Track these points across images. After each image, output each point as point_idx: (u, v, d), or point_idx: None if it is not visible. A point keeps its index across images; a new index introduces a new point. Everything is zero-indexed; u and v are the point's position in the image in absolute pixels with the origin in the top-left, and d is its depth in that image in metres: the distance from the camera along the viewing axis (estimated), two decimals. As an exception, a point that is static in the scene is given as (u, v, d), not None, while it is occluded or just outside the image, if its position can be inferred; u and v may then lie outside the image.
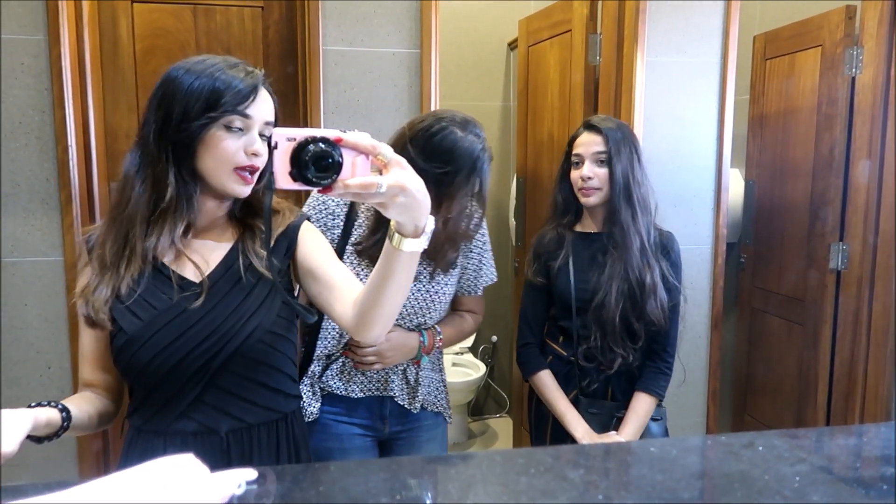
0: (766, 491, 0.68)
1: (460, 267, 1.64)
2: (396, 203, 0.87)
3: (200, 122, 1.05)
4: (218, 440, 1.14)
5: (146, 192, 1.09)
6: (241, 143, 1.07)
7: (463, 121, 1.46)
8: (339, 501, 0.69)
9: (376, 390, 1.59)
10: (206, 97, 1.04)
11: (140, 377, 1.12)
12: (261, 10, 2.26)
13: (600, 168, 1.70)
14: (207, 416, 1.13)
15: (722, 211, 2.40)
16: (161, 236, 1.10)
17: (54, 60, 1.94)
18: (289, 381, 1.22)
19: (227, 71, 1.07)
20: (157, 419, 1.13)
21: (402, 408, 1.60)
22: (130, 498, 0.67)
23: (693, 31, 2.33)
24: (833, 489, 0.68)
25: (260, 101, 1.09)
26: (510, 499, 0.69)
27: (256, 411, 1.16)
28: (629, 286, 1.68)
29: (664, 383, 1.77)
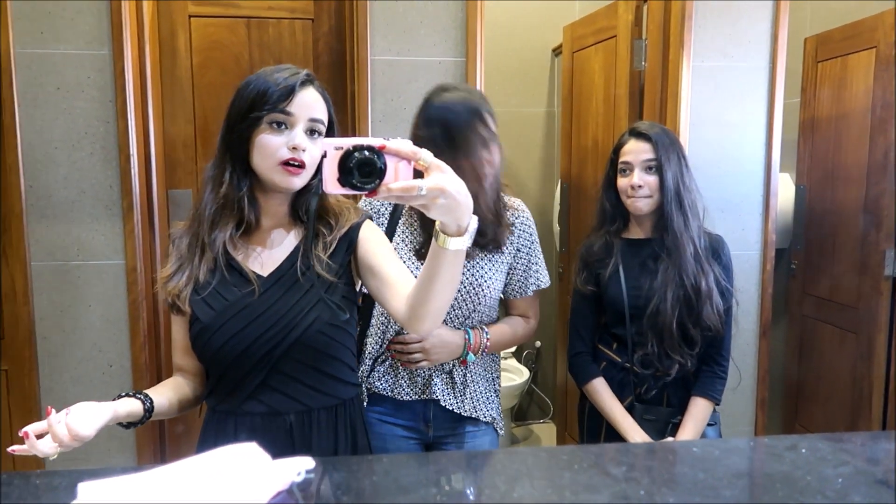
0: (807, 491, 0.69)
1: (507, 266, 1.64)
2: (437, 204, 0.91)
3: (248, 122, 1.16)
4: (282, 422, 1.22)
5: (213, 192, 1.22)
6: (284, 139, 1.16)
7: (446, 86, 1.55)
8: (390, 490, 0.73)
9: (422, 393, 1.60)
10: (251, 99, 1.16)
11: (213, 362, 1.23)
12: (311, 23, 2.33)
13: (650, 175, 1.70)
14: (272, 399, 1.22)
15: (771, 216, 2.37)
16: (222, 231, 1.21)
17: (118, 74, 2.04)
18: (347, 370, 1.29)
19: (272, 75, 1.17)
20: (229, 401, 1.23)
21: (447, 412, 1.61)
22: (199, 482, 0.72)
23: (740, 35, 2.31)
24: (874, 491, 0.69)
25: (302, 99, 1.17)
26: (555, 493, 0.71)
27: (317, 396, 1.24)
28: (685, 292, 1.67)
29: (721, 387, 1.76)
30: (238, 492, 0.73)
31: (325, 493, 0.77)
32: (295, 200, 1.27)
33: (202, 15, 2.28)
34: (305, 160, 1.17)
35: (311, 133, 1.19)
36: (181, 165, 2.32)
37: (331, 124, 1.24)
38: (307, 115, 1.17)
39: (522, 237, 1.65)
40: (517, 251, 1.65)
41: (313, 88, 1.20)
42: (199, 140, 2.32)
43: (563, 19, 3.23)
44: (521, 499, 0.71)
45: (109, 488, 0.68)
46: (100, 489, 0.68)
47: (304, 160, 1.16)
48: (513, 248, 1.64)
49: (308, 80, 1.20)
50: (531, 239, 1.66)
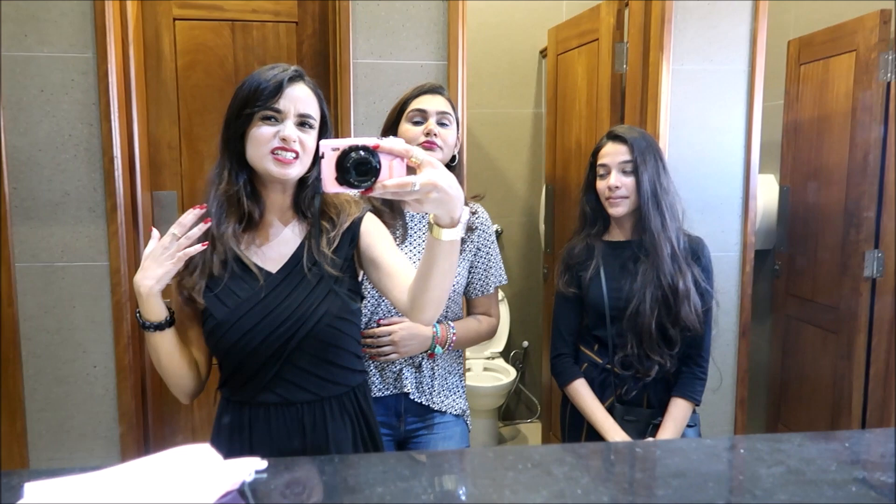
0: (737, 490, 0.71)
1: (469, 264, 1.71)
2: (430, 198, 0.96)
3: (242, 119, 1.22)
4: (295, 411, 1.27)
5: (217, 189, 1.27)
6: (274, 131, 1.21)
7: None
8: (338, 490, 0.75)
9: (393, 387, 1.65)
10: (244, 97, 1.22)
11: (228, 356, 1.27)
12: (295, 26, 2.35)
13: (627, 177, 1.72)
14: (286, 390, 1.27)
15: (750, 218, 2.39)
16: (228, 226, 1.27)
17: (102, 76, 2.06)
18: (354, 358, 1.35)
19: (263, 73, 1.22)
20: (243, 392, 1.28)
21: (418, 405, 1.66)
22: (148, 482, 0.74)
23: (720, 38, 2.33)
24: (801, 490, 0.71)
25: (291, 95, 1.22)
26: (495, 492, 0.73)
27: (328, 386, 1.29)
28: (663, 293, 1.69)
29: (700, 388, 1.78)
30: (187, 491, 0.75)
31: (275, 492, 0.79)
32: (297, 195, 1.32)
33: (187, 18, 2.30)
34: (298, 150, 1.21)
35: (302, 126, 1.23)
36: (166, 167, 2.34)
37: (324, 119, 1.28)
38: (297, 109, 1.22)
39: (482, 237, 1.72)
40: (477, 250, 1.72)
41: (303, 84, 1.24)
42: (183, 142, 2.34)
43: (550, 21, 3.26)
44: (461, 497, 0.73)
45: (56, 488, 0.70)
46: (46, 489, 0.70)
47: (297, 150, 1.21)
48: (473, 248, 1.71)
49: (297, 77, 1.24)
50: (490, 239, 1.74)
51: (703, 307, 1.73)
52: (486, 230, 1.74)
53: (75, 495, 0.70)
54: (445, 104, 1.65)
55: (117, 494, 0.71)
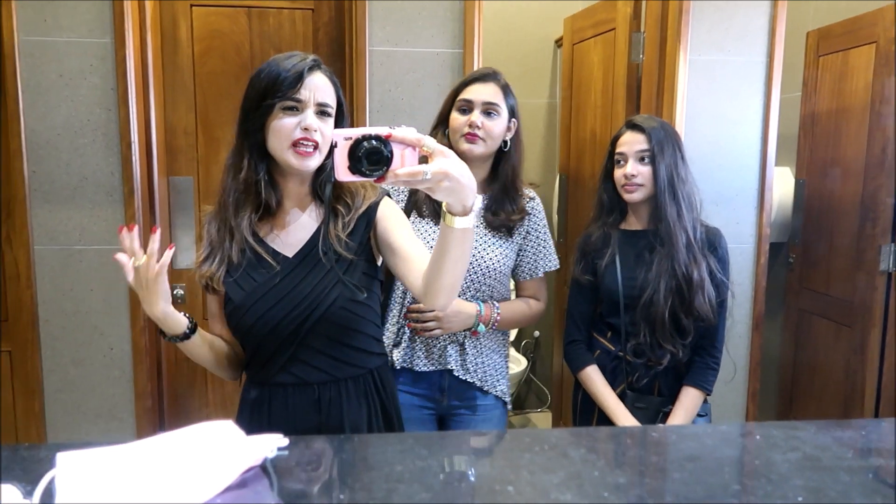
0: (752, 475, 0.72)
1: (518, 247, 1.75)
2: (442, 187, 0.97)
3: (262, 109, 1.22)
4: (311, 391, 1.31)
5: (234, 179, 1.28)
6: (296, 121, 1.21)
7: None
8: (357, 467, 0.76)
9: (437, 363, 1.70)
10: (264, 87, 1.22)
11: (246, 337, 1.31)
12: (311, 13, 2.35)
13: (644, 166, 1.72)
14: (302, 371, 1.30)
15: (765, 210, 2.38)
16: (246, 214, 1.28)
17: (119, 62, 2.08)
18: (372, 341, 1.37)
19: (282, 62, 1.22)
20: (263, 372, 1.32)
21: (461, 382, 1.71)
22: (173, 456, 0.76)
23: (737, 30, 2.31)
24: (817, 475, 0.71)
25: (310, 84, 1.22)
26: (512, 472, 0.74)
27: (343, 367, 1.32)
28: (677, 282, 1.69)
29: (712, 378, 1.78)
30: (212, 466, 0.77)
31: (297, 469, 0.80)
32: (314, 181, 1.33)
33: (203, 4, 2.31)
34: (318, 140, 1.22)
35: (321, 115, 1.24)
36: (182, 153, 2.36)
37: (339, 106, 1.29)
38: (316, 98, 1.22)
39: (533, 221, 1.76)
40: (527, 234, 1.76)
41: (321, 73, 1.25)
42: (199, 128, 2.35)
43: (565, 11, 3.23)
44: (480, 477, 0.74)
45: (87, 459, 0.72)
46: (78, 459, 0.71)
47: (317, 140, 1.22)
48: (524, 231, 1.75)
49: (315, 65, 1.25)
50: (542, 224, 1.78)
51: (718, 298, 1.73)
52: (538, 215, 1.78)
53: (106, 466, 0.71)
54: (494, 93, 1.67)
55: (145, 466, 0.73)
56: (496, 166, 1.73)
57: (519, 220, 1.72)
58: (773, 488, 0.69)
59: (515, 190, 1.72)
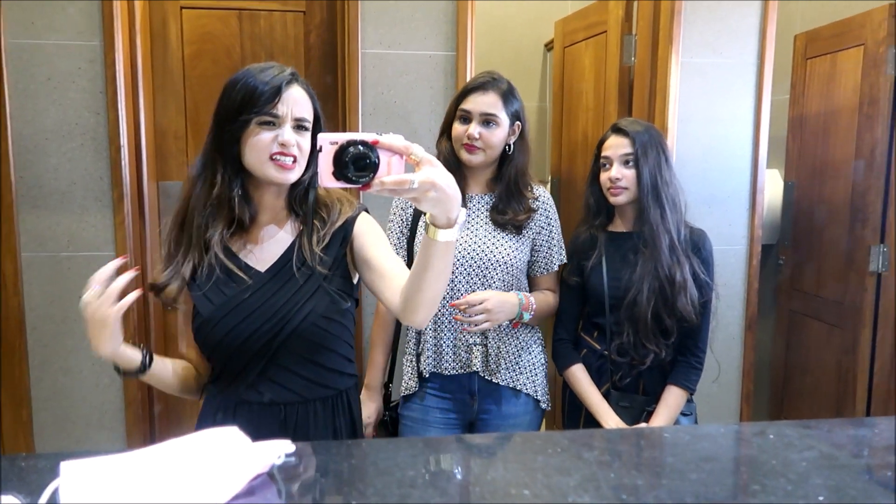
0: (771, 474, 0.71)
1: (531, 242, 1.77)
2: (428, 197, 0.94)
3: (238, 123, 1.19)
4: (278, 411, 1.26)
5: (204, 192, 1.25)
6: (273, 136, 1.19)
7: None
8: (368, 473, 0.75)
9: (465, 366, 1.70)
10: (239, 102, 1.18)
11: (214, 353, 1.27)
12: (303, 15, 2.34)
13: (628, 170, 1.75)
14: (270, 390, 1.26)
15: (757, 212, 2.39)
16: (218, 230, 1.24)
17: (109, 64, 2.05)
18: (343, 361, 1.33)
19: (256, 76, 1.19)
20: (229, 390, 1.28)
21: (489, 384, 1.70)
22: (180, 464, 0.74)
23: (729, 32, 2.33)
24: (836, 474, 0.71)
25: (288, 98, 1.20)
26: (527, 475, 0.73)
27: (313, 387, 1.28)
28: (660, 283, 1.71)
29: (695, 377, 1.80)
30: (219, 474, 0.75)
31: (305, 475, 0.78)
32: (290, 195, 1.30)
33: (194, 6, 2.29)
34: (296, 154, 1.20)
35: (298, 129, 1.21)
36: (172, 157, 2.33)
37: (317, 119, 1.26)
38: (293, 113, 1.20)
39: (543, 218, 1.78)
40: (540, 229, 1.78)
41: (298, 86, 1.23)
42: (190, 131, 2.33)
43: (555, 14, 3.24)
44: (495, 481, 0.73)
45: (92, 467, 0.69)
46: (83, 468, 0.69)
47: (295, 154, 1.20)
48: (536, 227, 1.77)
49: (293, 79, 1.22)
50: (553, 219, 1.80)
51: (702, 299, 1.75)
52: (547, 211, 1.79)
53: (111, 474, 0.69)
54: (493, 103, 1.66)
55: (151, 475, 0.71)
56: (500, 167, 1.74)
57: (526, 218, 1.73)
58: (793, 488, 0.68)
59: (520, 191, 1.73)
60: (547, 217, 1.79)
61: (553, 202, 1.83)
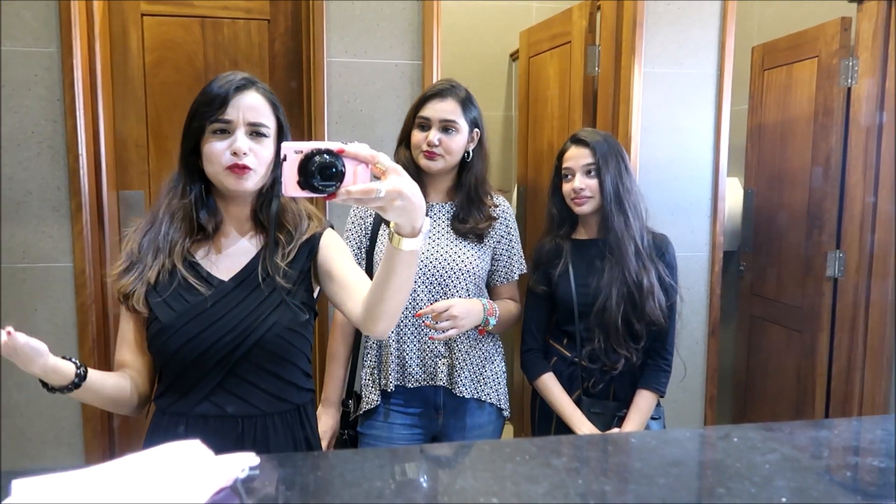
0: (736, 477, 0.72)
1: (491, 251, 1.77)
2: (395, 206, 0.95)
3: (193, 132, 1.20)
4: (236, 424, 1.23)
5: (169, 200, 1.26)
6: (227, 144, 1.18)
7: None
8: (335, 485, 0.73)
9: (430, 379, 1.69)
10: (194, 110, 1.20)
11: (170, 362, 1.23)
12: (267, 23, 2.32)
13: (590, 179, 1.77)
14: (226, 403, 1.23)
15: (719, 219, 2.44)
16: (180, 237, 1.24)
17: (66, 72, 2.00)
18: (302, 376, 1.31)
19: (213, 84, 1.20)
20: (182, 402, 1.23)
21: (454, 397, 1.69)
22: (140, 479, 0.72)
23: (690, 43, 2.37)
24: (799, 475, 0.72)
25: (239, 104, 1.19)
26: (496, 484, 0.73)
27: (271, 401, 1.26)
28: (628, 289, 1.74)
29: (665, 380, 1.82)
30: (180, 488, 0.73)
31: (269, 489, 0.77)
32: (256, 205, 1.29)
33: (155, 13, 2.25)
34: (249, 163, 1.19)
35: (254, 136, 1.20)
36: (133, 166, 2.28)
37: (280, 127, 1.25)
38: (246, 118, 1.19)
39: (504, 226, 1.78)
40: (501, 238, 1.78)
41: (254, 92, 1.21)
42: (151, 140, 2.29)
43: (520, 24, 3.27)
44: (464, 490, 0.73)
45: (45, 486, 0.67)
46: (35, 486, 0.67)
47: (248, 163, 1.18)
48: (496, 236, 1.77)
49: (246, 85, 1.21)
50: (512, 227, 1.81)
51: (668, 302, 1.78)
52: (507, 220, 1.79)
53: (66, 492, 0.67)
54: (452, 109, 1.66)
55: (109, 492, 0.69)
56: (459, 175, 1.74)
57: (487, 226, 1.73)
58: (757, 490, 0.69)
59: (480, 198, 1.73)
60: (507, 226, 1.79)
61: (512, 211, 1.84)
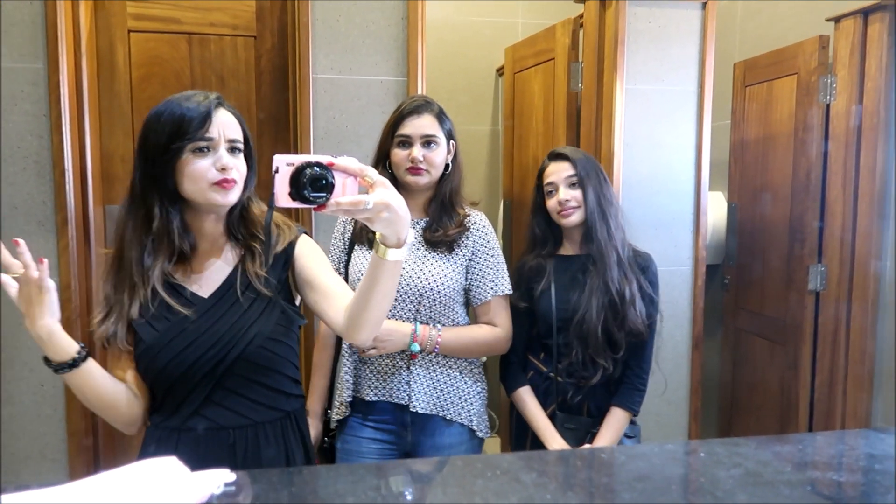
0: (699, 492, 0.74)
1: (463, 268, 1.72)
2: (382, 218, 0.99)
3: (170, 153, 1.18)
4: (225, 436, 1.24)
5: (139, 229, 1.23)
6: (210, 162, 1.19)
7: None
8: (308, 501, 0.75)
9: (388, 395, 1.68)
10: (169, 131, 1.17)
11: (158, 380, 1.24)
12: (254, 40, 2.34)
13: (574, 190, 1.80)
14: (216, 415, 1.24)
15: (701, 233, 2.47)
16: (160, 261, 1.24)
17: (53, 88, 2.01)
18: (290, 382, 1.33)
19: (182, 104, 1.19)
20: (173, 418, 1.25)
21: (419, 415, 1.68)
22: (114, 497, 0.73)
23: (671, 60, 2.41)
24: (760, 490, 0.74)
25: (218, 123, 1.20)
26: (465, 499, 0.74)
27: (261, 410, 1.27)
28: (610, 298, 1.75)
29: (639, 399, 1.83)
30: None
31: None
32: (228, 220, 1.30)
33: (142, 30, 2.27)
34: (235, 178, 1.21)
35: (233, 151, 1.23)
36: (119, 181, 2.29)
37: (247, 141, 1.28)
38: (226, 135, 1.21)
39: (478, 242, 1.73)
40: (473, 254, 1.73)
41: (225, 109, 1.24)
42: (137, 155, 2.30)
43: (506, 40, 3.32)
44: None
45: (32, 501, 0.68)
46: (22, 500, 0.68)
47: (234, 178, 1.21)
48: (468, 252, 1.73)
49: (220, 102, 1.23)
50: (488, 245, 1.74)
51: (649, 319, 1.79)
52: (483, 236, 1.74)
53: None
54: (430, 124, 1.68)
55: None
56: (437, 187, 1.75)
57: (457, 233, 1.70)
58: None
59: (453, 207, 1.73)
60: (484, 242, 1.74)
61: (492, 228, 1.78)
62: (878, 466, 0.84)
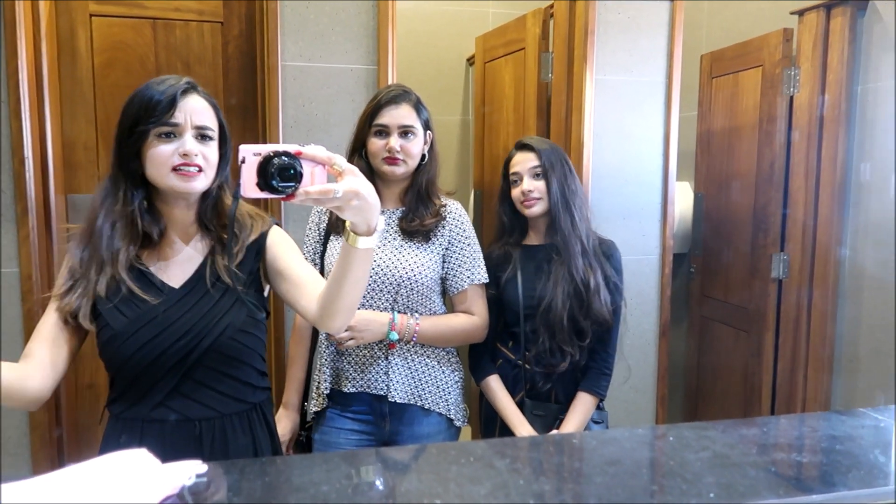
0: (669, 474, 0.75)
1: (440, 257, 1.72)
2: (351, 206, 0.99)
3: (135, 136, 1.17)
4: (192, 427, 1.23)
5: (111, 210, 1.22)
6: (174, 147, 1.18)
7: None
8: (282, 490, 0.74)
9: (367, 385, 1.68)
10: (135, 114, 1.17)
11: (123, 369, 1.22)
12: (220, 26, 2.30)
13: (538, 181, 1.82)
14: (183, 406, 1.23)
15: (669, 223, 2.51)
16: (124, 246, 1.22)
17: (11, 73, 1.96)
18: (257, 375, 1.32)
19: (153, 87, 1.19)
20: (137, 408, 1.23)
21: (397, 405, 1.67)
22: (85, 488, 0.71)
23: (640, 52, 2.44)
24: (727, 471, 0.76)
25: (186, 107, 1.19)
26: (440, 486, 0.75)
27: (228, 402, 1.26)
28: (575, 287, 1.78)
29: (605, 383, 1.86)
30: (126, 497, 0.73)
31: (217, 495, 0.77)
32: (200, 209, 1.28)
33: (104, 14, 2.22)
34: (200, 164, 1.19)
35: (201, 138, 1.21)
36: (82, 169, 2.24)
37: (222, 130, 1.26)
38: (193, 122, 1.19)
39: (454, 231, 1.74)
40: (449, 243, 1.74)
41: (198, 95, 1.22)
42: (101, 143, 2.25)
43: (476, 29, 3.31)
44: (409, 492, 0.74)
45: None
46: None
47: (199, 164, 1.19)
48: (444, 241, 1.73)
49: (190, 88, 1.22)
50: (464, 234, 1.75)
51: (613, 305, 1.82)
52: (459, 225, 1.75)
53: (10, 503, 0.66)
54: (408, 114, 1.67)
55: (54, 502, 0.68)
56: (413, 177, 1.75)
57: (434, 223, 1.70)
58: (687, 486, 0.73)
59: (429, 197, 1.73)
60: (460, 231, 1.74)
61: (467, 217, 1.79)
62: (839, 447, 0.87)
